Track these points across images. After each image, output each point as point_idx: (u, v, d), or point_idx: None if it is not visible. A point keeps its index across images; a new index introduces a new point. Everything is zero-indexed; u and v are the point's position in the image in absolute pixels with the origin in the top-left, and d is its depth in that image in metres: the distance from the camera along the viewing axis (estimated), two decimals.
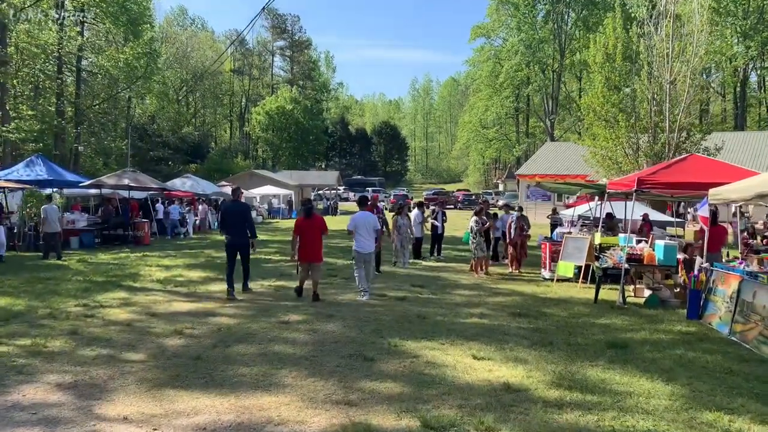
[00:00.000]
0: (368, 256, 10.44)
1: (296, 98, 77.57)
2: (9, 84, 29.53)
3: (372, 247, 10.54)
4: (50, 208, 16.28)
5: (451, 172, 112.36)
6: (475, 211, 13.41)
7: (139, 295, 10.24)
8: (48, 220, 16.05)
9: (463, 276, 13.48)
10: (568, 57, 68.37)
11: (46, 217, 16.11)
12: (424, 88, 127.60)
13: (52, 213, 16.19)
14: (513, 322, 8.58)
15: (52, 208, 16.36)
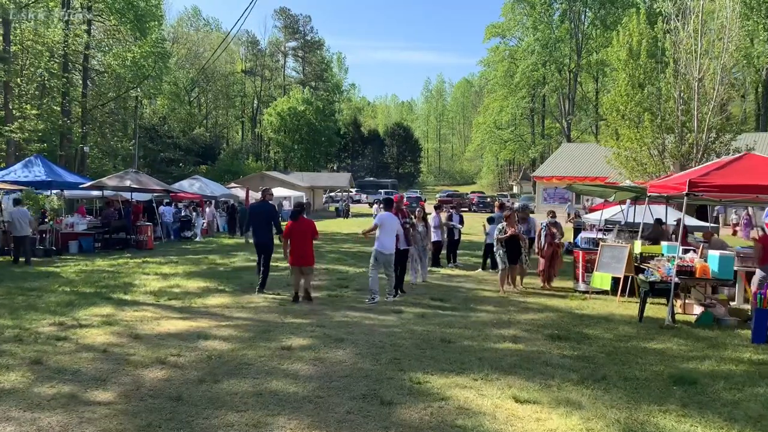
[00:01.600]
0: (390, 257, 10.29)
1: (308, 99, 76.65)
2: (13, 83, 28.70)
3: (393, 248, 10.33)
4: (18, 212, 15.45)
5: (464, 174, 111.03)
6: (505, 215, 12.11)
7: (127, 310, 9.13)
8: (15, 225, 15.30)
9: (485, 287, 12.26)
10: (584, 57, 66.94)
11: (12, 221, 15.42)
12: (437, 89, 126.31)
13: (22, 217, 15.35)
14: (553, 348, 7.36)
15: (21, 212, 15.53)
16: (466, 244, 17.40)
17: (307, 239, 10.13)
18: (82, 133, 33.76)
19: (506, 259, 11.59)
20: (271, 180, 46.21)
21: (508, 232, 11.50)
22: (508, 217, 11.81)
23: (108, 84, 37.84)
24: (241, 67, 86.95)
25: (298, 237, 10.10)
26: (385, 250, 10.19)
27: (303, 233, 10.12)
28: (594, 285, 11.64)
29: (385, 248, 10.19)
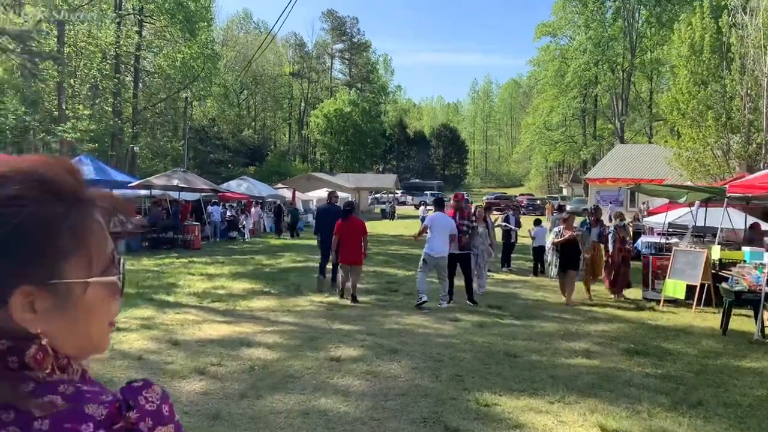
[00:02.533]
0: (440, 260, 9.63)
1: (354, 101, 76.50)
2: (66, 83, 29.15)
3: (445, 251, 9.60)
4: None
5: (512, 176, 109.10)
6: (562, 218, 11.19)
7: (168, 312, 8.70)
8: None
9: (545, 293, 11.44)
10: (638, 56, 64.72)
11: None
12: (484, 90, 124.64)
13: None
14: (632, 365, 6.55)
15: None
16: (519, 247, 16.50)
17: (356, 238, 10.04)
18: (132, 134, 34.12)
19: (559, 264, 10.56)
20: (317, 181, 46.04)
21: (565, 235, 10.60)
22: (566, 220, 10.82)
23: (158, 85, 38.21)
24: (288, 69, 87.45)
25: (347, 236, 10.03)
26: (434, 253, 9.56)
27: (352, 232, 10.05)
28: (666, 293, 10.67)
29: (434, 251, 9.57)
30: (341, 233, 10.06)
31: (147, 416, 0.71)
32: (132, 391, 0.73)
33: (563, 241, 10.44)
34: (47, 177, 0.73)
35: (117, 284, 0.80)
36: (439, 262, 9.61)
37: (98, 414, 0.68)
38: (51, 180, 0.72)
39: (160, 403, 0.73)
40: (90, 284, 0.75)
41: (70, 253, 0.73)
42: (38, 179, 0.72)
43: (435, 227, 9.64)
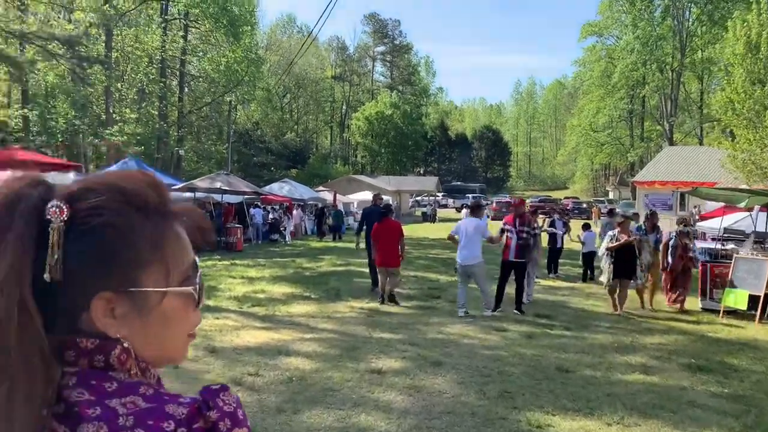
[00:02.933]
0: (468, 268, 9.20)
1: (396, 103, 76.33)
2: (113, 88, 29.77)
3: (471, 258, 9.15)
4: None
5: (556, 178, 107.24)
6: (617, 222, 10.59)
7: (207, 317, 8.56)
8: None
9: (596, 302, 10.92)
10: (688, 55, 62.76)
11: None
12: (528, 91, 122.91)
13: None
14: (696, 382, 6.08)
15: None
16: (566, 253, 15.93)
17: (393, 240, 10.00)
18: (177, 137, 34.65)
19: (612, 272, 9.75)
20: (358, 183, 45.95)
21: (621, 240, 9.97)
22: (622, 224, 10.15)
23: (203, 89, 38.74)
24: (330, 73, 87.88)
25: (384, 238, 10.01)
26: (461, 261, 9.26)
27: (388, 235, 10.03)
28: (726, 303, 10.06)
29: (460, 258, 9.28)
30: (377, 236, 10.09)
31: (226, 417, 0.73)
32: (210, 392, 0.75)
33: (619, 246, 9.73)
34: (128, 189, 0.75)
35: (194, 295, 0.81)
36: (467, 270, 9.20)
37: (179, 413, 0.71)
38: (131, 192, 0.75)
39: (236, 407, 0.75)
40: (167, 294, 0.77)
41: (148, 262, 0.75)
42: (119, 191, 0.75)
43: (462, 234, 9.31)
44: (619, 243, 9.74)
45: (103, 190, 0.74)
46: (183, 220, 0.81)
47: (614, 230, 10.28)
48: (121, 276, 0.74)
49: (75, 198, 0.73)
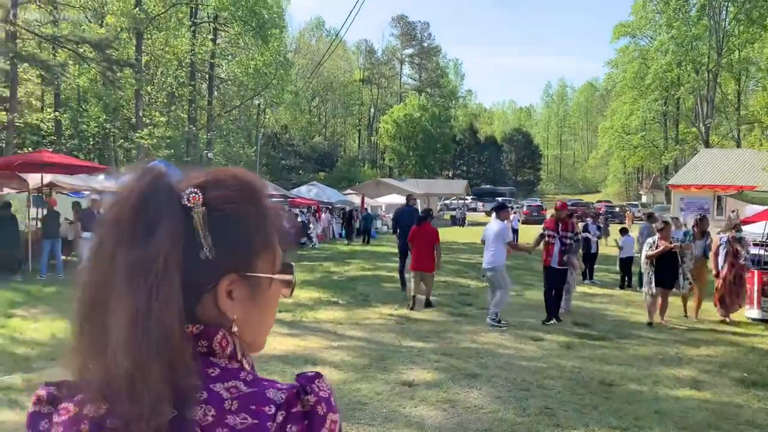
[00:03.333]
0: (486, 271, 9.07)
1: (424, 105, 75.92)
2: (143, 91, 29.98)
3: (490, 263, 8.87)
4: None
5: (587, 182, 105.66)
6: (658, 228, 9.92)
7: None
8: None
9: (635, 310, 10.42)
10: (725, 55, 61.15)
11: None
12: (558, 93, 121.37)
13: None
14: (751, 399, 5.63)
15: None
16: (601, 258, 15.38)
17: (428, 245, 9.94)
18: (207, 140, 34.78)
19: (654, 281, 9.12)
20: (386, 187, 45.72)
21: (660, 246, 9.27)
22: (663, 230, 9.51)
23: (232, 92, 38.89)
24: (359, 76, 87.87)
25: (420, 242, 9.97)
26: (483, 264, 9.18)
27: (425, 239, 9.97)
28: None
29: (483, 262, 9.15)
30: (414, 239, 10.05)
31: (322, 401, 0.78)
32: (307, 379, 0.80)
33: (659, 254, 9.15)
34: (254, 184, 0.85)
35: (292, 281, 0.89)
36: (486, 274, 9.16)
37: (278, 398, 0.76)
38: (257, 187, 0.85)
39: (330, 393, 0.80)
40: (273, 280, 0.85)
41: (262, 251, 0.83)
42: (248, 184, 0.84)
43: (485, 237, 9.19)
44: (659, 251, 9.15)
45: (233, 183, 0.83)
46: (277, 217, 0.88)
47: (653, 237, 9.73)
48: (244, 261, 0.81)
49: (207, 187, 0.80)
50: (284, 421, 0.75)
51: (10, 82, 22.73)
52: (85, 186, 16.30)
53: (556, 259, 8.77)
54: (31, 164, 12.41)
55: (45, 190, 15.31)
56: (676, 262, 9.27)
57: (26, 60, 19.44)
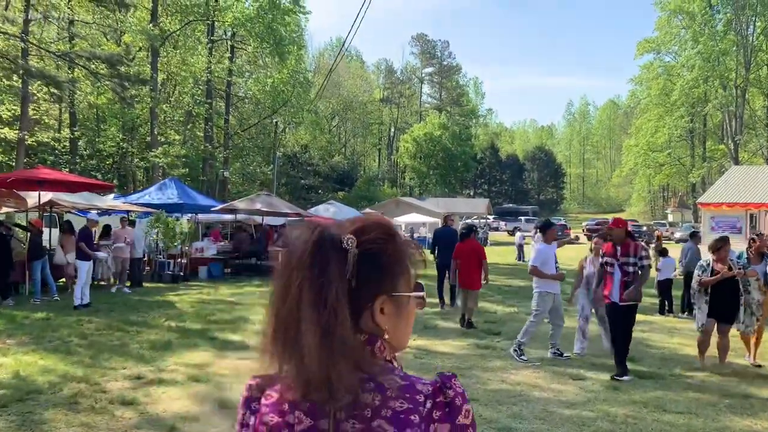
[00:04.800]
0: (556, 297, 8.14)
1: (444, 124, 75.13)
2: (158, 109, 29.51)
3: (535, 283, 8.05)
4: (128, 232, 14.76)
5: (611, 200, 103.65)
6: (711, 246, 7.62)
7: (228, 356, 7.37)
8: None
9: (683, 341, 9.23)
10: (753, 71, 59.53)
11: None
12: (581, 111, 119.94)
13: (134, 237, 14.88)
14: None
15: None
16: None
17: (474, 262, 9.82)
18: (223, 158, 34.19)
19: (706, 313, 7.42)
20: (406, 206, 44.77)
21: (717, 270, 7.38)
22: (719, 250, 7.46)
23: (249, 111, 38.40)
24: (379, 95, 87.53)
25: (465, 259, 9.86)
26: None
27: (470, 255, 9.86)
28: None
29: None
30: (459, 255, 9.95)
31: (458, 395, 1.05)
32: (446, 377, 1.06)
33: (717, 281, 7.35)
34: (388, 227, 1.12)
35: (423, 296, 1.16)
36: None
37: (426, 390, 1.03)
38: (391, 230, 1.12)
39: (463, 390, 1.07)
40: (411, 297, 1.12)
41: (401, 275, 1.11)
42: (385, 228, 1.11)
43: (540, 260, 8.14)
44: (717, 277, 7.35)
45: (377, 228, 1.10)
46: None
47: (706, 259, 7.77)
48: (390, 284, 1.08)
49: (359, 233, 1.07)
50: (432, 407, 1.02)
51: (21, 100, 22.34)
52: (87, 204, 15.60)
53: (617, 292, 6.96)
54: (25, 181, 11.68)
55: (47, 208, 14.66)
56: (737, 291, 7.53)
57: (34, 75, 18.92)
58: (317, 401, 1.01)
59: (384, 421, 1.01)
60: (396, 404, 1.01)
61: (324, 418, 1.03)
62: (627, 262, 6.99)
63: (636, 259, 6.97)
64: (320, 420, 1.03)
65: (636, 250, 7.02)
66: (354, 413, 1.01)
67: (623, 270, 6.97)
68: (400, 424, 1.00)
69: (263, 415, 1.09)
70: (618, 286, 6.96)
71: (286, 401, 1.06)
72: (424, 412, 1.01)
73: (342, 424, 1.02)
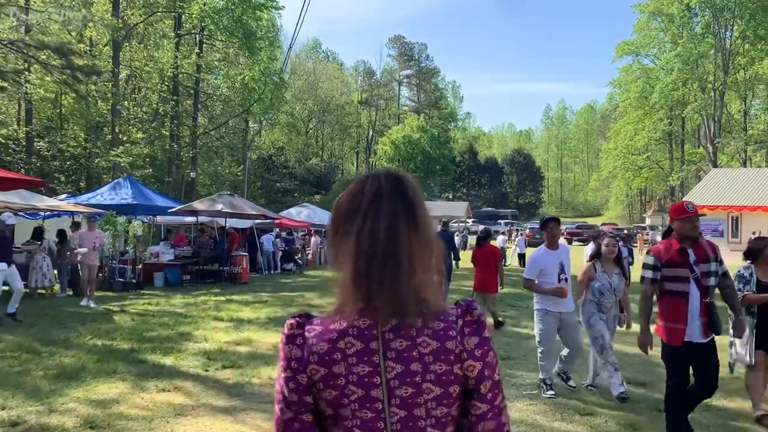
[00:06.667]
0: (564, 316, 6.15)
1: (423, 126, 74.03)
2: (120, 106, 27.77)
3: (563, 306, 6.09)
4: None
5: (589, 204, 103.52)
6: (746, 252, 5.67)
7: (149, 389, 5.89)
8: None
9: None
10: (731, 74, 59.37)
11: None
12: (558, 115, 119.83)
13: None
14: None
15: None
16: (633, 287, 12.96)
17: (491, 266, 9.69)
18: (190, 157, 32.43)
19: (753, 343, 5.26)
20: None
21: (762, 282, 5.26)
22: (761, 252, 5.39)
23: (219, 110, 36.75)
24: (357, 98, 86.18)
25: (482, 263, 9.73)
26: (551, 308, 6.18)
27: (487, 259, 9.71)
28: None
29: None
30: (476, 260, 9.82)
31: (481, 315, 1.26)
32: (468, 301, 1.28)
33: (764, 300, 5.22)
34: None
35: None
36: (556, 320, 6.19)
37: (456, 312, 1.25)
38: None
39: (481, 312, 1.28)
40: None
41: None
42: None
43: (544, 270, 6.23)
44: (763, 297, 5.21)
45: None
46: None
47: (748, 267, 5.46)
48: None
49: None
50: (463, 325, 1.22)
51: None
52: (24, 205, 13.95)
53: (699, 325, 4.44)
54: None
55: None
56: None
57: None
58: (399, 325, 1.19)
59: (426, 338, 1.20)
60: (434, 324, 1.21)
61: (374, 340, 1.19)
62: (708, 272, 4.46)
63: (718, 264, 4.55)
64: (370, 342, 1.19)
65: (716, 252, 4.59)
66: (401, 333, 1.19)
67: (702, 286, 4.43)
68: (441, 339, 1.20)
69: (311, 346, 1.21)
70: (698, 313, 4.41)
71: (334, 330, 1.20)
72: (458, 328, 1.22)
73: (391, 342, 1.19)
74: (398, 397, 1.18)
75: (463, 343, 1.20)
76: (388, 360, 1.18)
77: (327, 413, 1.21)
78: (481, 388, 1.23)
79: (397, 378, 1.18)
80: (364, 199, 1.22)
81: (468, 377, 1.22)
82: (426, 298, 1.20)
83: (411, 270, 1.17)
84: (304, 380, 1.20)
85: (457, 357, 1.20)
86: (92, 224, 12.94)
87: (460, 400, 1.23)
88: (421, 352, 1.18)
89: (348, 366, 1.17)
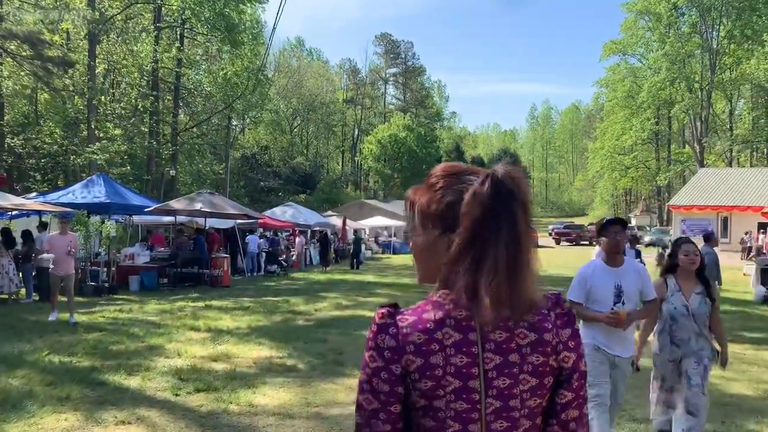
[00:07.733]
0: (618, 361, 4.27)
1: (409, 125, 73.27)
2: (96, 101, 26.61)
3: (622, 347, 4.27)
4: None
5: (574, 204, 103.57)
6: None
7: (103, 420, 4.99)
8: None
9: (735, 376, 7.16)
10: (718, 74, 59.26)
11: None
12: (544, 115, 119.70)
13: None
14: None
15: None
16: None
17: None
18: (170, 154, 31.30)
19: None
20: (370, 209, 42.68)
21: None
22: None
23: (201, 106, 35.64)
24: (342, 96, 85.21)
25: None
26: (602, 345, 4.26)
27: None
28: None
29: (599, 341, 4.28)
30: None
31: (570, 308, 1.31)
32: (556, 295, 1.29)
33: None
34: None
35: None
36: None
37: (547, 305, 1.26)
38: None
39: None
40: None
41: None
42: None
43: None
44: None
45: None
46: None
47: None
48: None
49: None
50: (555, 317, 1.24)
51: None
52: None
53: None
54: None
55: None
56: None
57: None
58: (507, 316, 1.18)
59: (524, 329, 1.20)
60: (529, 317, 1.21)
61: (472, 331, 1.18)
62: None
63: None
64: (469, 333, 1.17)
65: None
66: (499, 325, 1.18)
67: None
68: (539, 331, 1.21)
69: (407, 336, 1.18)
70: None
71: (429, 321, 1.18)
72: (551, 319, 1.24)
73: (489, 334, 1.18)
74: (495, 387, 1.17)
75: (559, 335, 1.23)
76: (487, 351, 1.18)
77: (419, 404, 1.18)
78: (572, 378, 1.24)
79: (495, 369, 1.17)
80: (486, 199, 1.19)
81: (563, 368, 1.23)
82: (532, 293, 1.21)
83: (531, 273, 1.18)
84: (397, 370, 1.17)
85: (554, 348, 1.22)
86: (65, 226, 10.80)
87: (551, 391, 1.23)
88: (519, 344, 1.19)
89: (446, 356, 1.16)
